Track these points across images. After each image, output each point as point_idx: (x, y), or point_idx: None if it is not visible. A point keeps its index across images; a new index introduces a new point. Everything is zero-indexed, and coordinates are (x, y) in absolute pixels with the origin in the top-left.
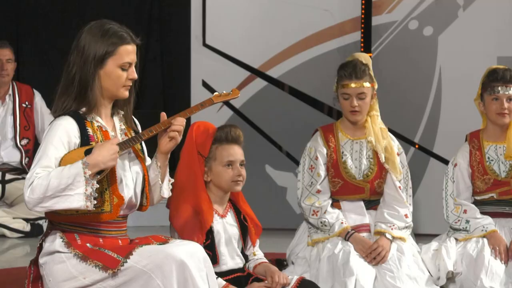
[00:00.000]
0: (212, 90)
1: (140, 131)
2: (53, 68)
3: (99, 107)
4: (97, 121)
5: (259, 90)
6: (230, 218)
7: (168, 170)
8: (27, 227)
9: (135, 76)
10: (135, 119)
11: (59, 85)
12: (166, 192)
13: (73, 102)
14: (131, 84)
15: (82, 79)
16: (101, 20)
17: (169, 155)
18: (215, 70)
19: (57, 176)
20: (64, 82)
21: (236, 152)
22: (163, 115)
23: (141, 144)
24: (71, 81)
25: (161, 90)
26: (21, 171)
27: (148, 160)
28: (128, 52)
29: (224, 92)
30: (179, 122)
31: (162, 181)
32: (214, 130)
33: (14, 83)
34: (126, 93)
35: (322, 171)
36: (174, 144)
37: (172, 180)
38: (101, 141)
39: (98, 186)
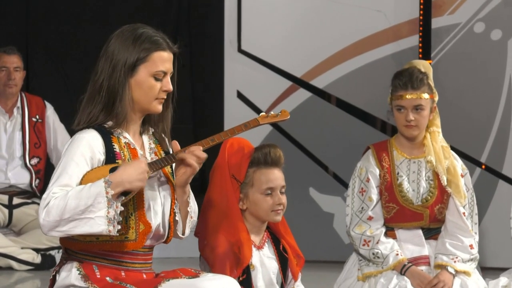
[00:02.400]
0: (248, 102)
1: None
2: (68, 77)
3: (128, 122)
4: (125, 137)
5: (302, 102)
6: (268, 250)
7: (189, 205)
8: (37, 259)
9: (170, 87)
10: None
11: (84, 95)
12: (187, 232)
13: (99, 113)
14: (165, 97)
15: (110, 88)
16: (134, 24)
17: (188, 189)
18: (252, 79)
19: (76, 196)
20: (90, 91)
21: (277, 177)
22: (175, 143)
23: (171, 167)
24: (98, 90)
25: (190, 102)
26: (31, 194)
27: None
28: (163, 59)
29: (272, 113)
30: (199, 154)
31: (183, 222)
32: (251, 150)
33: (23, 95)
34: (159, 107)
35: (375, 195)
36: (191, 174)
37: (194, 219)
38: (128, 160)
39: (122, 209)
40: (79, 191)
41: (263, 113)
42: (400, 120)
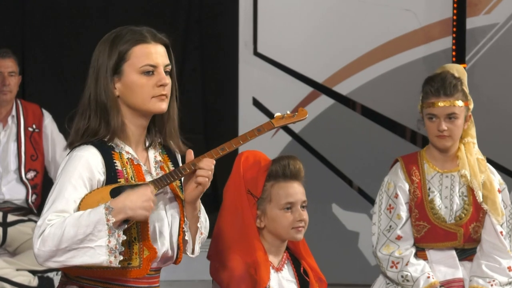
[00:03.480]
0: (265, 110)
1: (180, 161)
2: (68, 82)
3: (128, 133)
4: (128, 152)
5: (324, 110)
6: (287, 272)
7: (199, 220)
8: (34, 282)
9: (166, 80)
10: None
11: (73, 113)
12: (197, 250)
13: (95, 129)
14: (164, 92)
15: (98, 100)
16: (119, 27)
17: (198, 204)
18: (269, 85)
19: (74, 224)
20: (80, 109)
21: (297, 192)
22: (190, 153)
23: (180, 180)
24: (88, 104)
25: (201, 110)
26: (27, 211)
27: None
28: (148, 52)
29: (288, 113)
30: (208, 166)
31: (193, 239)
32: (268, 163)
33: (19, 102)
34: (160, 105)
35: (404, 213)
36: (201, 191)
37: (205, 234)
38: (131, 178)
39: (124, 238)
40: (78, 218)
41: (278, 114)
42: (431, 130)
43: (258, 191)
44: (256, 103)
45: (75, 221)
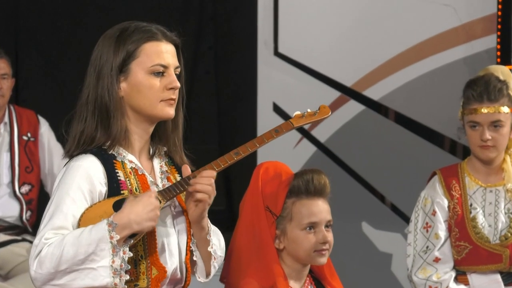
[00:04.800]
0: (286, 117)
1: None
2: (66, 86)
3: (131, 140)
4: (131, 161)
5: (352, 117)
6: None
7: (210, 243)
8: None
9: (177, 83)
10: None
11: (71, 115)
12: (212, 271)
13: (92, 134)
14: (174, 96)
15: (99, 100)
16: (123, 22)
17: (206, 224)
18: (291, 89)
19: (74, 243)
20: (77, 110)
21: (321, 210)
22: (186, 168)
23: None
24: (85, 105)
25: (216, 116)
26: (21, 229)
27: None
28: (159, 51)
29: (309, 111)
30: (207, 181)
31: (206, 263)
32: (289, 177)
33: (12, 108)
34: (168, 110)
35: (442, 232)
36: (202, 210)
37: (221, 256)
38: (136, 189)
39: (131, 255)
40: (78, 236)
41: (297, 113)
42: (474, 139)
43: (277, 208)
44: (277, 109)
45: (75, 240)
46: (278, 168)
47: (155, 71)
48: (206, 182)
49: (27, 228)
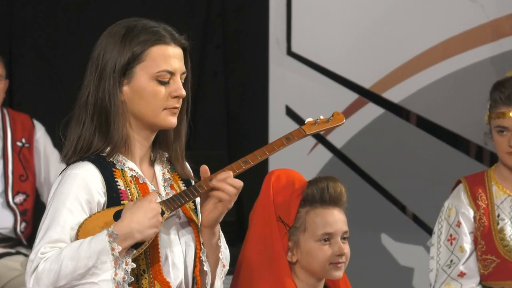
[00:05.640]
0: (300, 121)
1: (194, 182)
2: (64, 88)
3: (132, 146)
4: (131, 169)
5: (371, 121)
6: None
7: (220, 250)
8: None
9: (182, 92)
10: (187, 164)
11: (69, 117)
12: (218, 285)
13: (92, 138)
14: (177, 105)
15: (99, 103)
16: (128, 19)
17: (218, 230)
18: (306, 91)
19: (73, 257)
20: (76, 111)
21: (337, 220)
22: (205, 170)
23: (194, 202)
24: (84, 107)
25: (224, 121)
26: (15, 242)
27: None
28: (166, 55)
29: (322, 118)
30: (235, 183)
31: (213, 272)
32: (303, 185)
33: (5, 111)
34: (171, 119)
35: (468, 244)
36: (222, 210)
37: (227, 267)
38: (137, 199)
39: (134, 266)
40: (76, 248)
41: (309, 119)
42: (501, 145)
43: (290, 218)
44: (290, 112)
45: (73, 253)
46: (290, 176)
47: (160, 78)
48: (230, 182)
49: (21, 240)
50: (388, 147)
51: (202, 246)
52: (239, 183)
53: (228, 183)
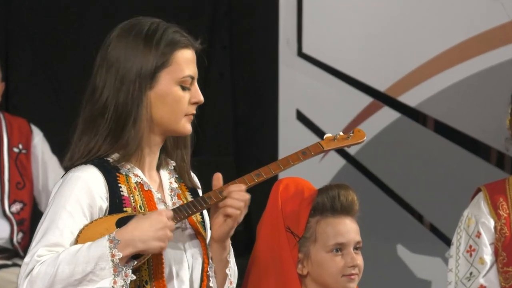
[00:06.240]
0: (312, 126)
1: (201, 193)
2: (63, 91)
3: (143, 152)
4: (136, 175)
5: (386, 126)
6: None
7: (229, 265)
8: None
9: (202, 98)
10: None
11: (78, 121)
12: None
13: (102, 143)
14: (195, 112)
15: (119, 108)
16: (134, 19)
17: (228, 245)
18: (317, 94)
19: (70, 261)
20: (89, 114)
21: (349, 230)
22: (218, 177)
23: (201, 213)
24: (102, 111)
25: (231, 126)
26: (12, 253)
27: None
28: (188, 60)
29: (341, 134)
30: (239, 196)
31: (218, 286)
32: (313, 193)
33: (1, 116)
34: (188, 127)
35: (488, 256)
36: (233, 225)
37: (234, 284)
38: (140, 207)
39: (134, 278)
40: (74, 253)
41: (328, 135)
42: None
43: (300, 228)
44: (301, 117)
45: (71, 257)
46: (299, 184)
47: (184, 83)
48: (238, 197)
49: (18, 251)
50: (404, 154)
51: (210, 261)
52: (246, 196)
53: (234, 198)
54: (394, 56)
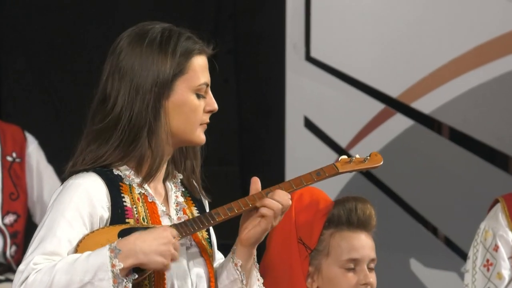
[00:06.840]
0: (320, 134)
1: (208, 209)
2: (59, 98)
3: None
4: (140, 186)
5: (399, 134)
6: None
7: (257, 273)
8: None
9: (216, 106)
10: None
11: (86, 130)
12: None
13: (112, 153)
14: (208, 121)
15: (134, 119)
16: (142, 25)
17: (254, 253)
18: (326, 100)
19: (67, 270)
20: (99, 124)
21: (364, 245)
22: (255, 181)
23: (208, 230)
24: (115, 122)
25: (236, 134)
26: (5, 268)
27: (218, 257)
28: (204, 66)
29: (357, 157)
30: (281, 198)
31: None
32: (329, 205)
33: None
34: (203, 136)
35: (506, 271)
36: (265, 229)
37: None
38: (143, 219)
39: None
40: (72, 262)
41: (343, 157)
42: None
43: (312, 240)
44: (309, 124)
45: (68, 266)
46: (314, 195)
47: (200, 91)
48: (278, 198)
49: (11, 266)
50: (418, 163)
51: (215, 280)
52: (287, 200)
53: (274, 199)
54: (407, 60)
